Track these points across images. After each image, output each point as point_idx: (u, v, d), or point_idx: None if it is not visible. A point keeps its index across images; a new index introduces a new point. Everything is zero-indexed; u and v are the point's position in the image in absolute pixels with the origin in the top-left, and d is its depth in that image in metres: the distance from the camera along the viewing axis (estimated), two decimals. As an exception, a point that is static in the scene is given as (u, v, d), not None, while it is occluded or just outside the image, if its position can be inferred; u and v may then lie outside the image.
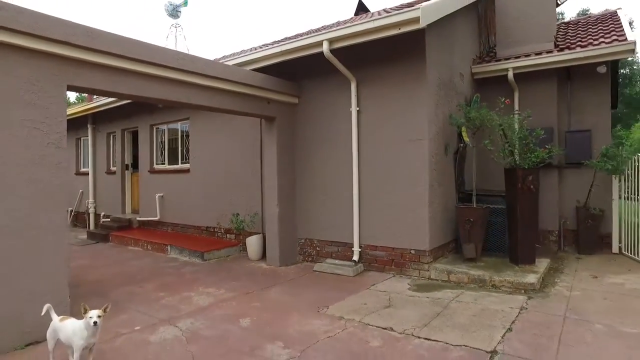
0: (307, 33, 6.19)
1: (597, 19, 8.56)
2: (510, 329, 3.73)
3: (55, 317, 3.17)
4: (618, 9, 8.72)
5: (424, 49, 5.43)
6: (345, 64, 5.78)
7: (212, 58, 6.68)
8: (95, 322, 2.96)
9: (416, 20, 4.68)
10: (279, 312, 4.34)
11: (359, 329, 3.83)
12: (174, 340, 3.67)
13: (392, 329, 3.80)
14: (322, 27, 6.56)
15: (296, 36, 6.76)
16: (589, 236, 6.88)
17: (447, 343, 3.47)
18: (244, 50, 8.42)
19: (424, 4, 4.76)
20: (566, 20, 9.67)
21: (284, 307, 4.51)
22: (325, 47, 5.50)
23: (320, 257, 6.45)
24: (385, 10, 6.89)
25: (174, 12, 8.33)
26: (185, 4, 8.51)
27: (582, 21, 8.80)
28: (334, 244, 6.33)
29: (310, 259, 6.60)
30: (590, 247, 6.86)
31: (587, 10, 33.41)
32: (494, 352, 3.28)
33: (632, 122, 31.42)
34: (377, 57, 5.76)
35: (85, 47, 3.97)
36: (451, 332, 3.70)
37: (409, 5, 5.65)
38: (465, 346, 3.39)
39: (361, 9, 13.02)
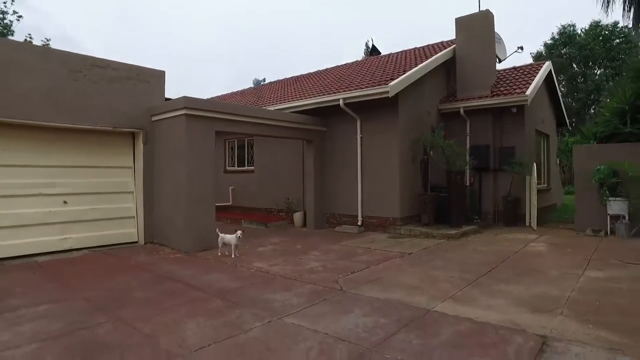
0: (331, 92, 10.36)
1: (530, 68, 12.39)
2: (425, 248, 7.83)
3: (220, 234, 7.52)
4: (547, 61, 12.54)
5: (397, 104, 9.55)
6: (353, 110, 9.96)
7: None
8: (239, 236, 7.29)
9: (387, 92, 8.83)
10: (315, 244, 8.58)
11: (354, 247, 8.02)
12: (266, 250, 7.95)
13: (369, 248, 7.96)
14: (339, 86, 10.73)
15: (325, 93, 10.97)
16: (510, 215, 10.79)
17: (392, 251, 7.60)
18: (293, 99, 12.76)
19: (392, 82, 8.91)
20: (516, 65, 13.45)
21: (318, 242, 8.75)
22: (341, 102, 9.73)
23: (339, 224, 10.65)
24: (393, 60, 11.03)
25: (257, 84, 12.83)
26: (264, 80, 13.07)
27: (521, 69, 12.61)
28: (347, 216, 10.53)
29: (333, 225, 10.81)
30: (511, 222, 10.76)
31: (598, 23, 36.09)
32: (410, 253, 7.39)
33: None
34: (373, 106, 9.83)
35: (223, 111, 8.35)
36: (396, 248, 7.82)
37: (391, 78, 9.76)
38: (400, 252, 7.52)
39: (374, 50, 17.19)
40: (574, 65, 36.87)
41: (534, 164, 10.30)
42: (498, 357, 3.24)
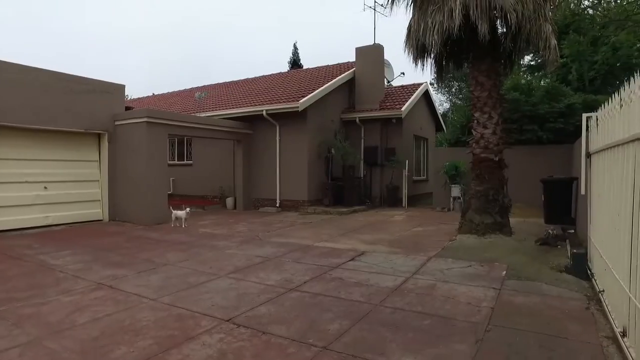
0: (256, 104, 13.31)
1: (411, 87, 16.25)
2: (322, 220, 11.11)
3: (173, 210, 10.22)
4: (424, 82, 16.54)
5: (307, 114, 12.75)
6: (273, 118, 13.00)
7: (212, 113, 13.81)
8: (188, 211, 10.07)
9: (297, 107, 11.99)
10: (244, 218, 11.52)
11: (272, 220, 11.08)
12: (207, 223, 10.74)
13: (282, 220, 11.07)
14: (263, 99, 13.74)
15: (252, 104, 13.91)
16: (392, 198, 14.51)
17: (297, 222, 10.78)
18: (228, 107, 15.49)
19: (301, 100, 12.07)
20: (405, 84, 17.33)
21: (245, 217, 11.69)
22: (264, 112, 12.73)
23: (262, 206, 13.68)
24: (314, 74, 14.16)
25: (199, 97, 15.35)
26: (205, 94, 15.61)
27: (407, 87, 16.44)
28: (268, 200, 13.59)
29: (257, 207, 13.81)
30: (392, 204, 14.47)
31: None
32: (310, 222, 10.62)
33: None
34: (289, 115, 12.89)
35: (175, 119, 10.99)
36: (301, 220, 11.01)
37: (302, 95, 12.91)
38: (303, 222, 10.72)
39: (295, 64, 20.32)
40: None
41: (406, 160, 14.08)
42: (338, 257, 6.50)
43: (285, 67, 27.91)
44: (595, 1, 15.70)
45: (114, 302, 4.40)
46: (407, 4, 8.94)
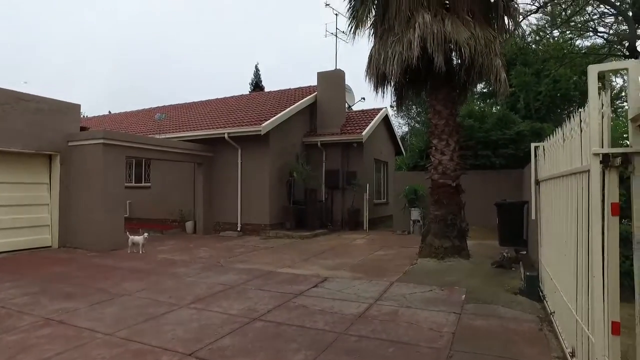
0: (218, 127, 13.23)
1: (371, 112, 16.69)
2: (284, 244, 11.05)
3: (130, 236, 9.85)
4: (384, 107, 17.05)
5: (269, 138, 12.78)
6: (235, 141, 12.93)
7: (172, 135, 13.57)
8: (145, 236, 9.74)
9: (259, 131, 12.02)
10: (204, 243, 11.26)
11: (233, 245, 10.90)
12: (166, 248, 10.42)
13: (244, 245, 10.92)
14: (225, 122, 13.68)
15: (213, 127, 13.81)
16: (353, 221, 14.66)
17: (259, 246, 10.67)
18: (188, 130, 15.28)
19: (263, 124, 12.12)
20: (365, 109, 17.79)
21: (206, 242, 11.43)
22: (225, 135, 12.65)
23: (223, 230, 13.44)
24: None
25: (159, 118, 15.05)
26: (164, 116, 15.34)
27: (367, 112, 16.87)
28: (229, 224, 13.37)
29: (218, 231, 13.55)
30: (354, 227, 14.61)
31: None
32: (272, 247, 10.54)
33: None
34: (250, 138, 12.88)
35: (133, 141, 10.69)
36: (263, 245, 10.91)
37: (264, 118, 12.98)
38: (265, 247, 10.61)
39: (257, 85, 20.43)
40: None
41: (367, 184, 14.34)
42: (301, 283, 6.47)
43: (246, 89, 28.57)
44: (538, 38, 16.96)
45: (65, 339, 4.16)
46: (369, 34, 9.31)
